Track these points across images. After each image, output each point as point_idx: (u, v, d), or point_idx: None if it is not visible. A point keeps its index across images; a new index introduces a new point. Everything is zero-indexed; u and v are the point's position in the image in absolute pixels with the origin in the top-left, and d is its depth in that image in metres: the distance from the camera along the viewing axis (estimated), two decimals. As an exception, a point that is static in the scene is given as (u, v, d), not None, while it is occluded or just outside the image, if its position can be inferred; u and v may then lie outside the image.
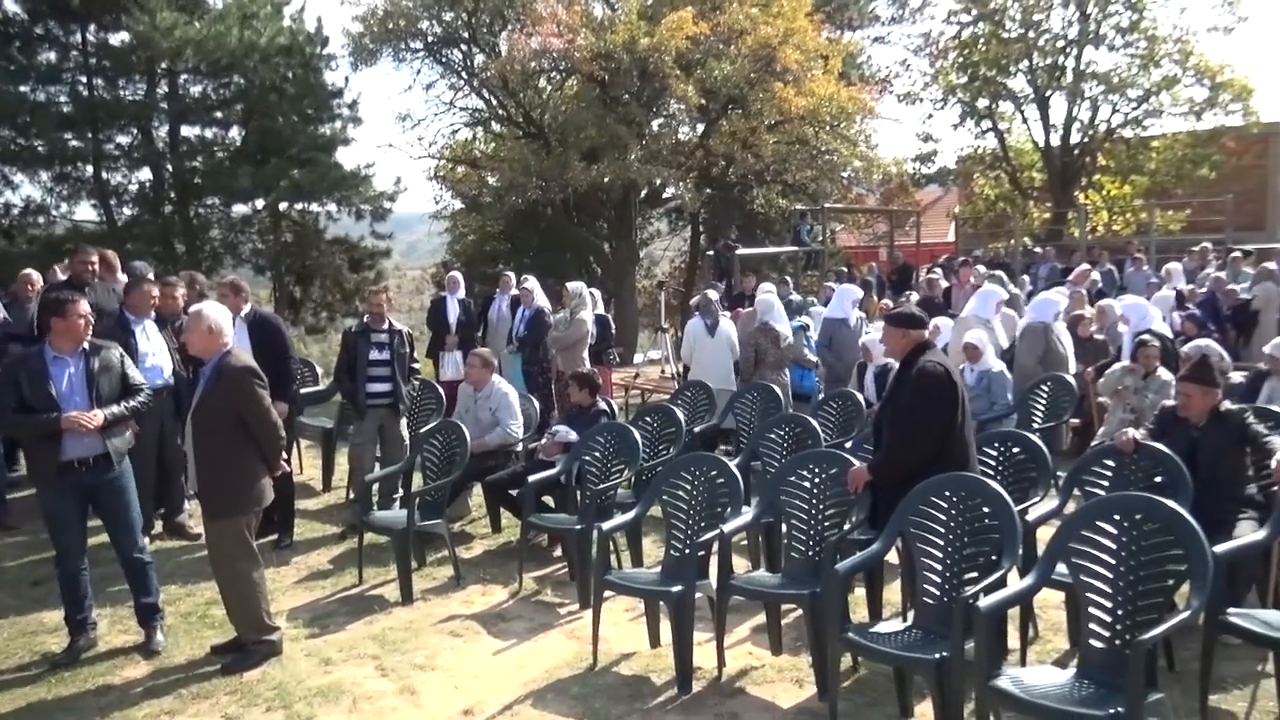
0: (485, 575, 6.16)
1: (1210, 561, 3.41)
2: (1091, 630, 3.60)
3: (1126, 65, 21.74)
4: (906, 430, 4.50)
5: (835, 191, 21.03)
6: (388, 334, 7.04)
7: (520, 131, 19.41)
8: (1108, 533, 3.66)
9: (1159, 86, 21.27)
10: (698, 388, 8.25)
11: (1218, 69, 20.73)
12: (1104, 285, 13.14)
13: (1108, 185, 23.33)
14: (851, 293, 9.34)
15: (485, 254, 23.44)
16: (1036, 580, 3.82)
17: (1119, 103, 21.95)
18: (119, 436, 4.90)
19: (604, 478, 6.08)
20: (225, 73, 17.66)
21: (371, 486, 6.54)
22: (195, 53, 16.64)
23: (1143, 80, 21.42)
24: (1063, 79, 22.06)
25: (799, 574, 4.66)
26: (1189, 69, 20.99)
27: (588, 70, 16.77)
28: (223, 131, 18.84)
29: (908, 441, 4.48)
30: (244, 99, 18.18)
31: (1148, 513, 3.62)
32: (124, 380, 4.96)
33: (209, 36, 16.53)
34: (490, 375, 7.09)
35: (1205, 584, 3.37)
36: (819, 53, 18.01)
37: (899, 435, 4.54)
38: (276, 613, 5.27)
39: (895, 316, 4.88)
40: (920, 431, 4.46)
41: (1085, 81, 21.89)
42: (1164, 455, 4.81)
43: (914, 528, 4.20)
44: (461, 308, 10.15)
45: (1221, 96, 20.80)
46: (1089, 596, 3.64)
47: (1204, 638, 4.05)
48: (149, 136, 18.03)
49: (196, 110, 18.28)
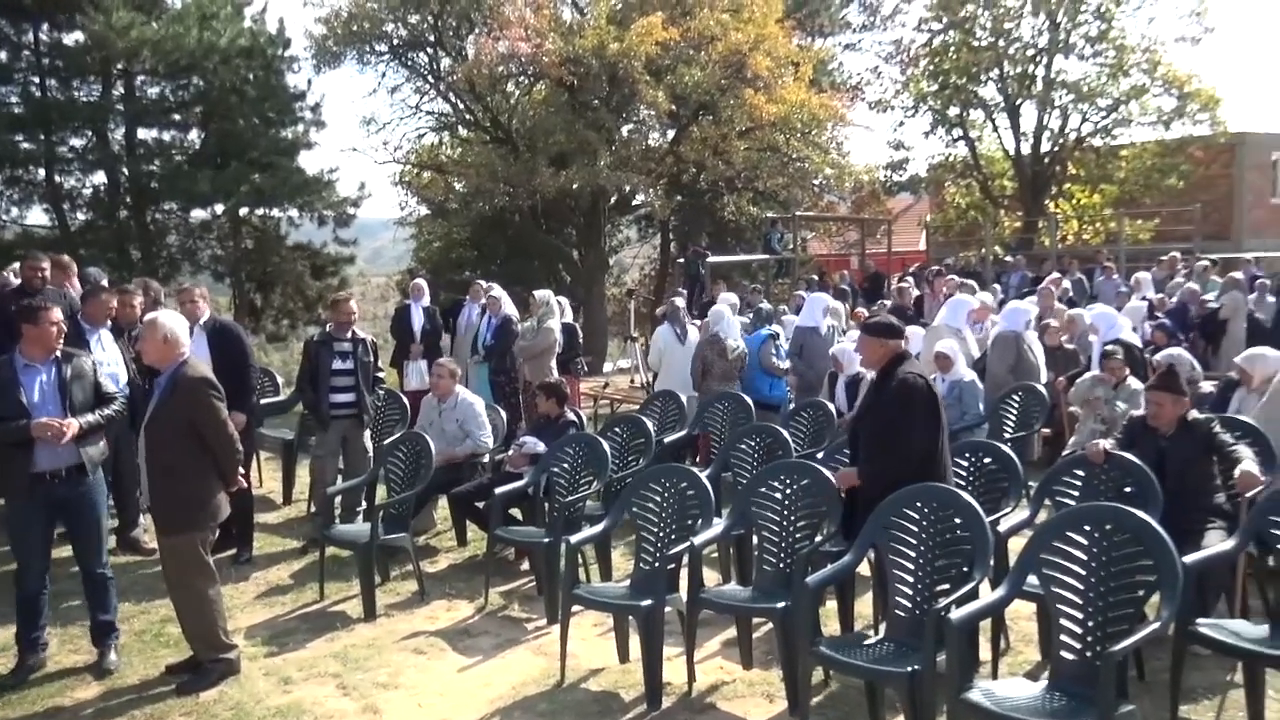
0: (450, 590, 6.11)
1: (1180, 572, 3.46)
2: (1062, 642, 3.64)
3: (1096, 74, 22.16)
4: (892, 444, 4.51)
5: (806, 199, 21.18)
6: (351, 342, 6.97)
7: (487, 136, 19.37)
8: (1078, 543, 3.70)
9: (1128, 96, 21.68)
10: (667, 398, 8.26)
11: (1185, 79, 21.17)
12: (1074, 294, 13.34)
13: (1078, 194, 23.72)
14: (822, 301, 9.39)
15: (451, 261, 23.35)
16: (1008, 592, 3.85)
17: (1089, 111, 22.36)
18: (94, 446, 4.84)
19: (572, 489, 6.06)
20: (184, 74, 17.48)
21: (334, 499, 6.49)
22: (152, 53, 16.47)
23: (1112, 89, 21.82)
24: (1033, 87, 22.41)
25: (770, 587, 4.67)
26: (1157, 79, 21.42)
27: (556, 75, 16.78)
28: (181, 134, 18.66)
29: (894, 456, 4.48)
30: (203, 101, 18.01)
31: (1117, 523, 3.66)
32: (97, 389, 4.90)
33: (167, 37, 16.36)
34: (455, 385, 7.06)
35: (1175, 594, 3.42)
36: (790, 59, 18.15)
37: (884, 450, 4.53)
38: (234, 630, 5.20)
39: (872, 326, 4.86)
40: (907, 445, 4.48)
41: (1055, 90, 22.27)
42: (1133, 465, 4.88)
43: (886, 539, 4.22)
44: (427, 316, 10.10)
45: (1189, 106, 21.24)
46: (1060, 608, 3.67)
47: (1174, 648, 4.11)
48: (104, 139, 17.80)
49: (154, 112, 18.08)
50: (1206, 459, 4.91)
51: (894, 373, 4.62)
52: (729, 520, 5.08)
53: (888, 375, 4.66)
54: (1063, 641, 3.64)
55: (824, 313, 9.16)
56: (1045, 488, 5.16)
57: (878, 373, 4.76)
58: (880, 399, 4.67)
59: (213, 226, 19.07)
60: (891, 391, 4.58)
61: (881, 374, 4.72)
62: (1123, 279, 14.82)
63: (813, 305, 9.33)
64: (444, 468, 6.58)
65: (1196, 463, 4.89)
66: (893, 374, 4.63)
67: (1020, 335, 8.45)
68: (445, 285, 20.07)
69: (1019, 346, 8.37)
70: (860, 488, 4.64)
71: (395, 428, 7.79)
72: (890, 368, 4.66)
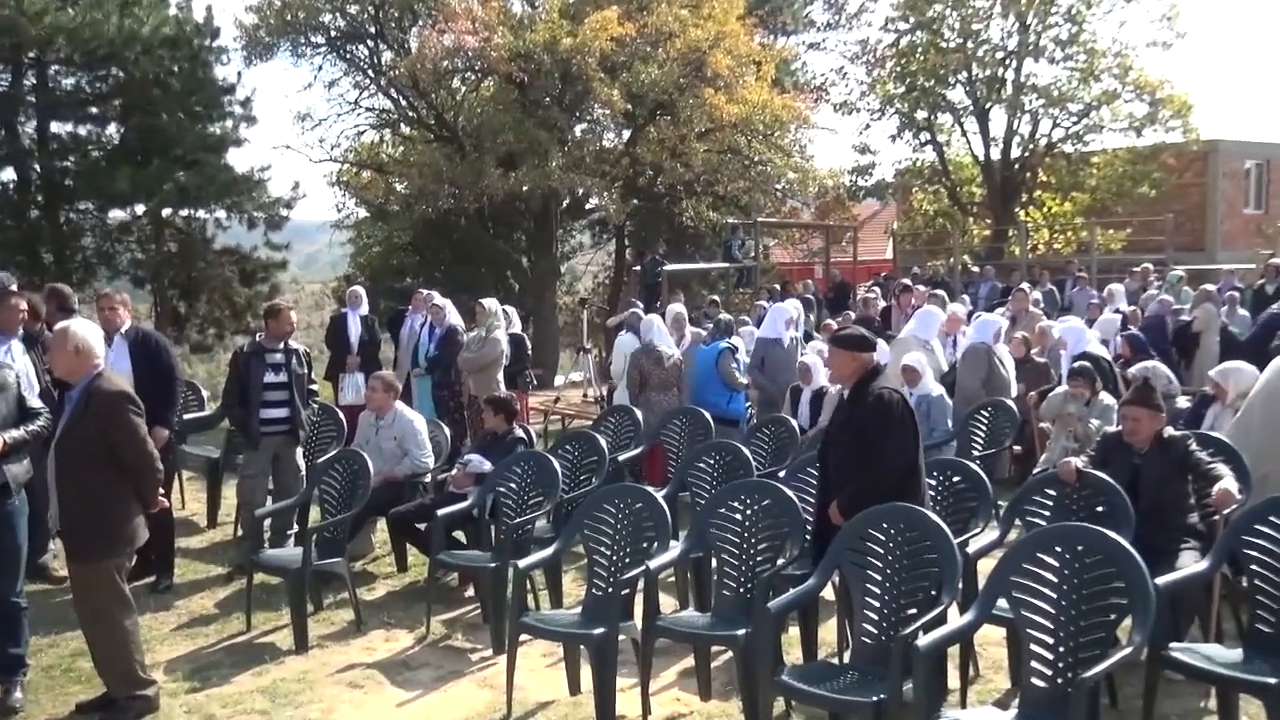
0: (389, 619, 6.06)
1: (1152, 594, 3.53)
2: (1033, 668, 3.69)
3: (1066, 79, 22.65)
4: (868, 465, 4.53)
5: (768, 204, 21.35)
6: (284, 354, 6.88)
7: (431, 135, 19.29)
8: (1049, 565, 3.77)
9: (1099, 101, 22.17)
10: (622, 413, 8.27)
11: (1157, 84, 21.70)
12: (1045, 305, 13.57)
13: (1049, 202, 24.18)
14: (785, 311, 9.46)
15: (391, 267, 23.19)
16: (977, 616, 3.90)
17: (1059, 117, 22.81)
18: (18, 464, 4.75)
19: (520, 511, 6.03)
20: (102, 64, 17.16)
21: (263, 522, 6.41)
22: (68, 41, 16.15)
23: (1083, 94, 22.30)
24: (1002, 91, 22.84)
25: (730, 613, 4.68)
26: (1128, 84, 21.93)
27: (505, 71, 16.76)
28: (98, 129, 18.29)
29: (870, 477, 4.51)
30: (123, 93, 17.69)
31: (1089, 544, 3.73)
32: (20, 403, 4.79)
33: (84, 24, 16.06)
34: (393, 401, 7.02)
35: (1147, 618, 3.49)
36: (751, 58, 18.31)
37: (859, 471, 4.56)
38: (152, 664, 5.11)
39: (844, 338, 4.86)
40: (882, 465, 4.51)
41: (1025, 94, 22.69)
42: (1106, 484, 4.96)
43: (850, 562, 4.26)
44: (364, 325, 10.03)
45: (1161, 113, 21.77)
46: (1030, 632, 3.73)
47: (1147, 674, 4.19)
48: (13, 132, 17.39)
49: (69, 105, 17.71)
50: (1181, 477, 5.00)
51: (868, 388, 4.64)
52: (687, 543, 5.09)
53: (861, 391, 4.66)
54: (1033, 668, 3.69)
55: (787, 324, 9.23)
56: (1015, 507, 5.23)
57: (851, 388, 4.76)
58: (854, 416, 4.68)
59: (132, 228, 18.71)
60: (867, 409, 4.60)
61: (854, 390, 4.72)
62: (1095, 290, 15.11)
63: (775, 316, 9.40)
64: (382, 488, 6.53)
65: (1171, 481, 4.99)
66: (866, 390, 4.64)
67: (991, 348, 8.60)
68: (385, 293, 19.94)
69: (990, 359, 8.52)
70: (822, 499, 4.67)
71: (330, 445, 7.73)
72: (864, 383, 4.68)
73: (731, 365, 8.69)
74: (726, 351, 8.75)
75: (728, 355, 8.72)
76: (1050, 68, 23.14)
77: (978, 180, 24.66)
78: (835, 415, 4.95)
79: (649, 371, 8.60)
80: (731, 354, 8.77)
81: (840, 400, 4.96)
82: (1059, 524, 4.62)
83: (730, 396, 8.61)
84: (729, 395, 8.62)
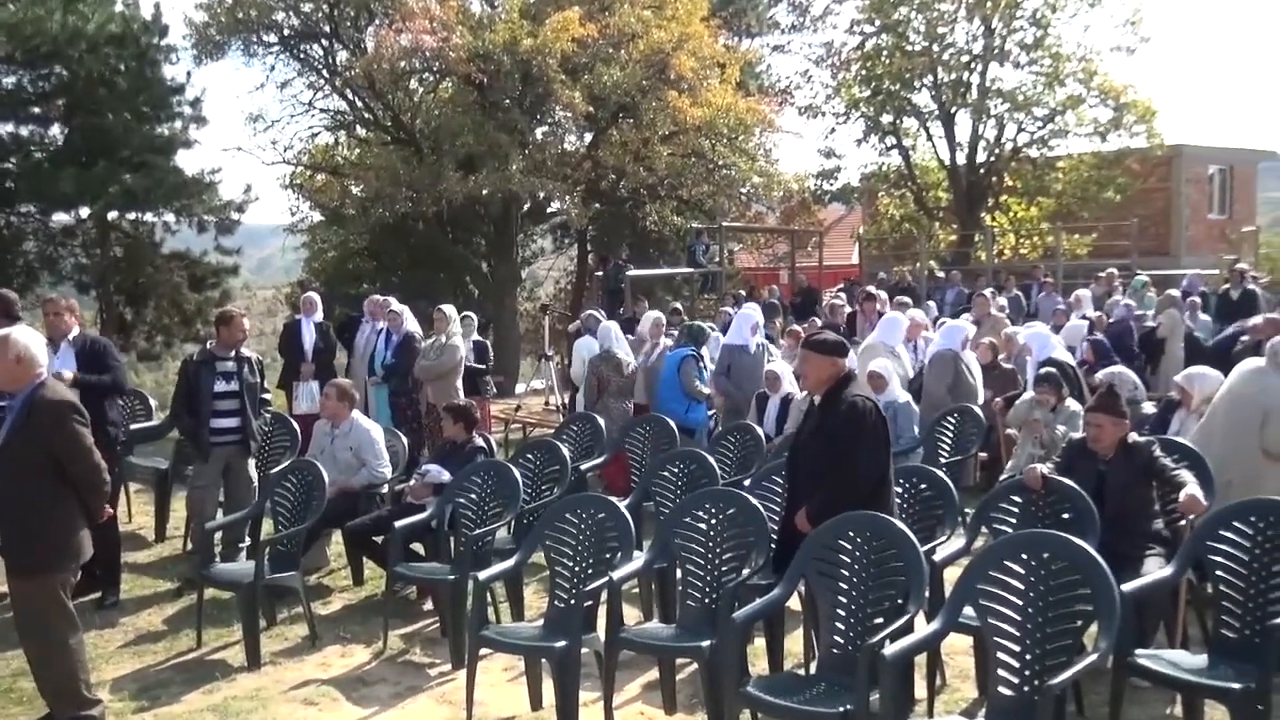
0: (345, 634, 6.01)
1: (1118, 601, 3.59)
2: (1000, 676, 3.74)
3: (1031, 83, 22.99)
4: (840, 473, 4.55)
5: (733, 209, 21.45)
6: (235, 362, 6.84)
7: (388, 137, 19.18)
8: (1015, 573, 3.82)
9: (1064, 106, 22.53)
10: (584, 421, 8.27)
11: (1121, 89, 22.09)
12: (1011, 311, 13.76)
13: (1014, 207, 24.51)
14: (751, 317, 9.50)
15: (347, 272, 23.03)
16: (943, 624, 3.95)
17: (1025, 121, 23.15)
18: None
19: (480, 522, 6.02)
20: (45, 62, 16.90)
21: (214, 535, 6.35)
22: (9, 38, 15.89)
23: (1048, 99, 22.66)
24: (968, 95, 23.13)
25: (695, 624, 4.70)
26: (1093, 89, 22.31)
27: (464, 72, 16.72)
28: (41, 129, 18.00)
29: (842, 486, 4.52)
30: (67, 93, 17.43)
31: (1055, 551, 3.79)
32: None
33: (25, 20, 15.81)
34: (349, 409, 6.98)
35: (1113, 624, 3.55)
36: (715, 60, 18.39)
37: (835, 478, 4.56)
38: (98, 683, 5.03)
39: (819, 342, 4.82)
40: (855, 474, 4.54)
41: (990, 99, 23.01)
42: (1071, 491, 5.04)
43: (816, 571, 4.28)
44: (319, 332, 9.96)
45: (1125, 118, 22.16)
46: (997, 640, 3.78)
47: (1113, 680, 4.25)
48: (-50, 133, 17.11)
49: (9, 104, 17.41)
50: (1146, 483, 5.09)
51: (841, 395, 4.63)
52: (650, 553, 5.10)
53: (834, 398, 4.65)
54: (1000, 676, 3.74)
55: (753, 330, 9.27)
56: (982, 515, 5.29)
57: (823, 395, 4.74)
58: (826, 424, 4.67)
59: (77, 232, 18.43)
60: (840, 416, 4.59)
61: (827, 396, 4.70)
62: (1060, 295, 15.35)
63: (741, 322, 9.42)
64: (338, 499, 6.48)
65: (1136, 487, 5.07)
66: (839, 397, 4.63)
67: (958, 354, 8.69)
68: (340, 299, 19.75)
69: (956, 366, 8.61)
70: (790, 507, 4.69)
71: (283, 455, 7.66)
72: (836, 390, 4.67)
73: (692, 374, 8.70)
74: (689, 359, 8.77)
75: (690, 363, 8.74)
76: (1015, 72, 23.54)
77: (944, 185, 24.94)
78: (805, 422, 4.95)
79: (607, 377, 8.65)
80: (695, 361, 8.79)
81: (810, 407, 4.94)
82: (1025, 531, 4.69)
83: (689, 405, 8.61)
84: (687, 404, 8.63)
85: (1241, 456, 5.62)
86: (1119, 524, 4.93)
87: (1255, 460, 5.62)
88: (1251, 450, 5.62)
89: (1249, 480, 5.48)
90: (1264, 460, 5.63)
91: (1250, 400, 5.71)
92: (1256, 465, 5.61)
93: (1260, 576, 4.18)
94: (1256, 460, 5.62)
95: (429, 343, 9.46)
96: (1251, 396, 5.71)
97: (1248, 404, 5.70)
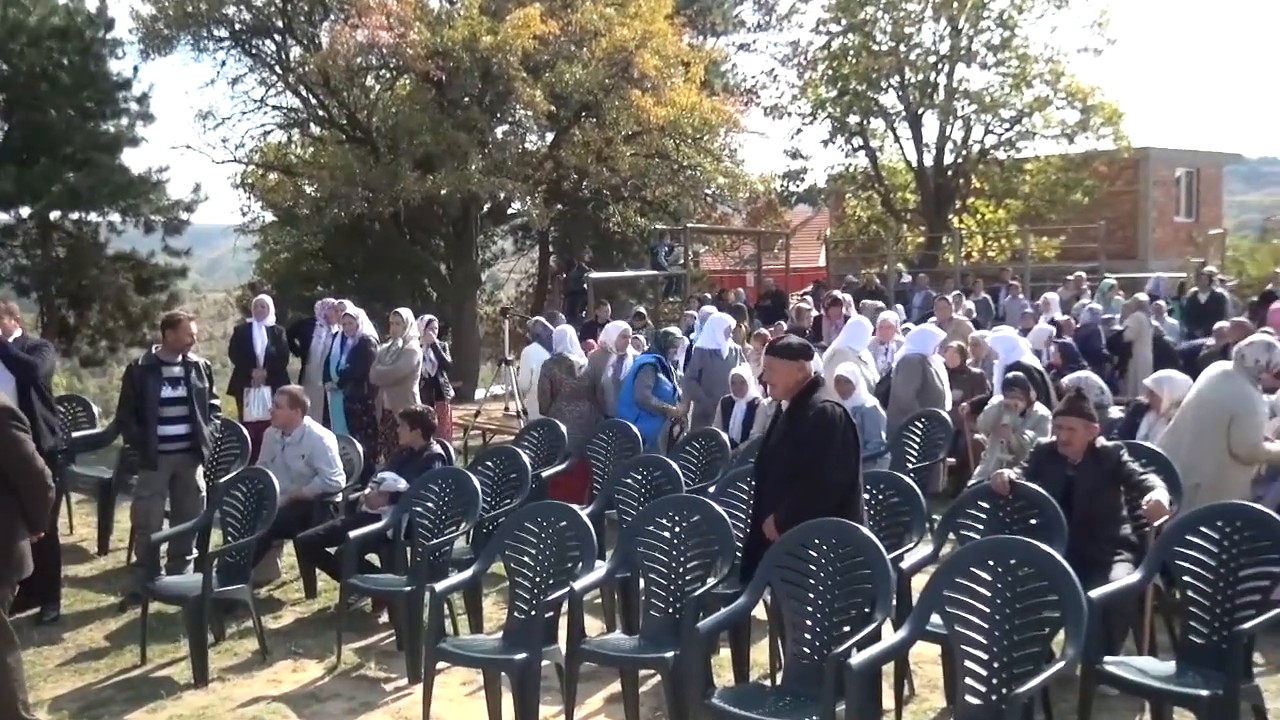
0: (297, 649, 5.96)
1: (1085, 607, 3.63)
2: (967, 685, 3.77)
3: (999, 84, 23.26)
4: (809, 480, 4.57)
5: (698, 210, 21.51)
6: (183, 367, 6.77)
7: (344, 135, 19.05)
8: (982, 579, 3.85)
9: (1031, 107, 22.83)
10: (546, 427, 8.24)
11: (1089, 91, 22.42)
12: (979, 314, 13.91)
13: (982, 209, 24.80)
14: (724, 321, 9.50)
15: (300, 274, 22.86)
16: (910, 633, 3.97)
17: (992, 123, 23.43)
18: None
19: (438, 531, 5.98)
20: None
21: (160, 546, 6.29)
22: (-54, 32, 15.64)
23: (1015, 100, 22.94)
24: (935, 96, 23.37)
25: (658, 635, 4.70)
26: (1060, 90, 22.63)
27: (422, 69, 16.64)
28: (-21, 126, 17.72)
29: (818, 492, 4.53)
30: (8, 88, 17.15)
31: (1022, 557, 3.83)
32: None
33: (-37, 14, 15.57)
34: (301, 416, 6.94)
35: (1080, 631, 3.59)
36: (680, 59, 18.44)
37: (804, 484, 4.58)
38: (36, 703, 4.95)
39: (784, 348, 4.83)
40: (824, 482, 4.56)
41: (957, 100, 23.26)
42: (1039, 496, 5.09)
43: (782, 579, 4.29)
44: (270, 336, 9.88)
45: (1093, 120, 22.49)
46: (964, 649, 3.81)
47: (1081, 688, 4.29)
48: (-116, 130, 16.79)
49: (-54, 100, 17.14)
50: (1114, 488, 5.15)
51: (809, 401, 4.66)
52: (613, 562, 5.09)
53: (802, 404, 4.67)
54: (967, 684, 3.77)
55: (725, 333, 9.28)
56: (949, 521, 5.34)
57: (791, 401, 4.76)
58: (794, 430, 4.69)
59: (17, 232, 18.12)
60: (808, 423, 4.61)
61: (794, 402, 4.72)
62: (1028, 299, 15.53)
63: (714, 326, 9.41)
64: (290, 509, 6.44)
65: (1104, 493, 5.13)
66: (807, 402, 4.65)
67: (926, 358, 8.75)
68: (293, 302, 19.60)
69: (925, 370, 8.67)
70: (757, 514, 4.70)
71: (233, 464, 7.60)
72: (804, 395, 4.69)
73: (646, 383, 8.67)
74: (647, 368, 8.75)
75: (647, 372, 8.70)
76: (982, 73, 23.80)
77: (911, 187, 25.17)
78: (773, 428, 4.96)
79: (560, 381, 8.67)
80: (654, 370, 8.76)
81: (778, 412, 4.96)
82: (991, 538, 4.73)
83: (637, 415, 8.57)
84: (637, 413, 8.60)
85: (1208, 460, 5.71)
86: (1087, 529, 4.99)
87: (1222, 464, 5.70)
88: (1218, 454, 5.71)
89: (1216, 484, 5.57)
90: (1230, 464, 5.72)
91: (1216, 404, 5.79)
92: (1223, 469, 5.70)
93: (1227, 582, 4.24)
94: (1223, 464, 5.71)
95: (385, 347, 9.41)
96: (1218, 401, 5.80)
97: (1214, 408, 5.79)
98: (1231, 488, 5.56)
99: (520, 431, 8.90)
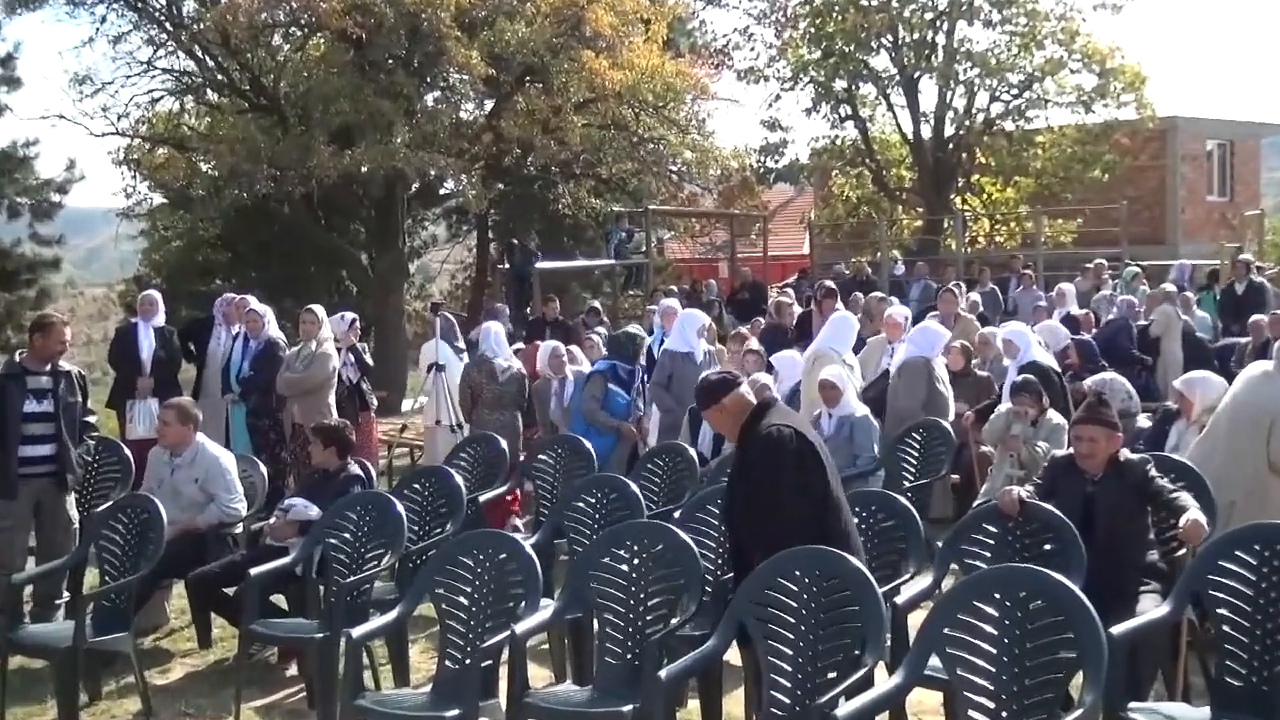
0: (188, 709, 5.91)
1: (1105, 646, 3.63)
2: (972, 738, 3.76)
3: (1005, 45, 23.51)
4: (767, 513, 4.62)
5: (662, 190, 21.57)
6: (50, 377, 6.68)
7: (246, 103, 18.90)
8: (988, 615, 3.85)
9: (1042, 71, 23.07)
10: (483, 443, 8.19)
11: (1107, 53, 22.70)
12: (986, 308, 13.98)
13: (988, 188, 25.03)
14: (696, 319, 9.51)
15: (195, 265, 22.74)
16: (906, 679, 3.97)
17: (998, 89, 23.64)
18: None
19: (356, 567, 5.94)
20: None
21: (23, 589, 6.26)
22: None
23: (1024, 63, 23.19)
24: (933, 58, 23.56)
25: (615, 685, 4.70)
26: (1075, 52, 22.90)
27: (338, 27, 16.53)
28: None
29: (771, 526, 4.59)
30: None
31: (1033, 589, 3.83)
32: None
33: None
34: (193, 433, 6.88)
35: (1100, 674, 3.59)
36: (638, 15, 18.47)
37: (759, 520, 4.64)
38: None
39: (704, 392, 4.97)
40: (789, 511, 4.60)
41: (958, 62, 23.47)
42: (1053, 518, 5.12)
43: (758, 618, 4.28)
44: (159, 339, 9.80)
45: (1112, 85, 22.77)
46: (967, 695, 3.81)
47: (1102, 740, 4.31)
48: None
49: None
50: (1140, 508, 5.19)
51: (754, 430, 4.77)
52: (561, 601, 5.08)
53: (749, 435, 4.80)
54: (972, 738, 3.76)
55: (699, 333, 9.28)
56: (951, 548, 5.35)
57: (740, 436, 4.88)
58: (745, 461, 4.83)
59: None
60: (754, 452, 4.75)
61: (743, 436, 4.85)
62: (1042, 290, 15.68)
63: (685, 324, 9.41)
64: (180, 542, 6.37)
65: (1129, 512, 5.17)
66: (753, 432, 4.77)
67: (931, 362, 8.71)
68: (186, 298, 19.40)
69: (930, 376, 8.63)
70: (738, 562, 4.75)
71: (113, 490, 7.50)
72: (750, 425, 4.80)
73: (594, 396, 8.69)
74: (596, 376, 8.78)
75: (595, 381, 8.75)
76: (986, 32, 24.01)
77: (907, 162, 25.38)
78: (733, 462, 5.10)
79: (480, 386, 8.77)
80: (602, 379, 8.77)
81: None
82: (998, 566, 4.74)
83: (585, 429, 8.57)
84: (583, 427, 8.61)
85: (1246, 473, 5.75)
86: (1109, 556, 5.01)
87: (1262, 477, 5.75)
88: (1257, 466, 5.75)
89: (1254, 500, 5.61)
90: (1271, 478, 5.76)
91: (1255, 409, 5.82)
92: (1263, 483, 5.74)
93: (1267, 614, 4.26)
94: (1263, 477, 5.75)
95: (295, 350, 9.34)
96: (1257, 404, 5.83)
97: (1253, 412, 5.82)
98: (1272, 505, 5.59)
99: (453, 448, 8.84)
